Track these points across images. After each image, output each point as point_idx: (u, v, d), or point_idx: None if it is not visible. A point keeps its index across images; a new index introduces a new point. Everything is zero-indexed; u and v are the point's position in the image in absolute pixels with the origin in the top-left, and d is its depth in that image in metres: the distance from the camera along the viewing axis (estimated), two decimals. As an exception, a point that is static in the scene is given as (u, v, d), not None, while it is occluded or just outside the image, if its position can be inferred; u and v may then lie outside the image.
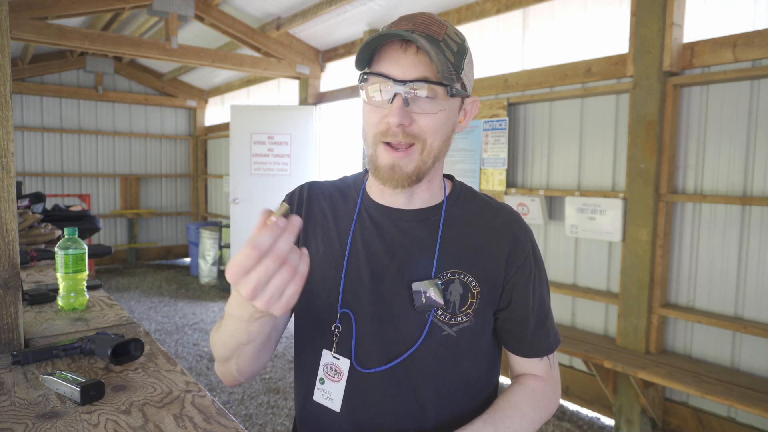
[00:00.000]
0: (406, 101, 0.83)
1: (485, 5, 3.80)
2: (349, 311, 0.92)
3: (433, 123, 0.86)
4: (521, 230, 0.97)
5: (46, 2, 4.39)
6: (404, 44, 0.84)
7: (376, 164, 0.88)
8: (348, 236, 0.96)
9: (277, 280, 0.63)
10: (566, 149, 3.43)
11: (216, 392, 3.56)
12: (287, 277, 0.64)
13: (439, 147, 0.88)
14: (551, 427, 3.13)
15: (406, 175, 0.87)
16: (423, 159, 0.87)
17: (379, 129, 0.86)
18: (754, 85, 2.62)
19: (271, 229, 0.63)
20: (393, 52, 0.84)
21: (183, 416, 0.87)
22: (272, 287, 0.64)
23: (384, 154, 0.87)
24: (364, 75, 0.88)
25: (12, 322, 1.11)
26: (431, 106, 0.85)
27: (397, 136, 0.84)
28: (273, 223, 0.63)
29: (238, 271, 0.63)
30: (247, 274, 0.63)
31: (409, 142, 0.85)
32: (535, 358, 0.98)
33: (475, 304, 0.92)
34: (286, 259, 0.64)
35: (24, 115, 7.20)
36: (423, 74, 0.83)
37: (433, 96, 0.84)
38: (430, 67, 0.83)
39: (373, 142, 0.88)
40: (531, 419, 0.92)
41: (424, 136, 0.86)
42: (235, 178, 5.93)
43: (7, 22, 1.04)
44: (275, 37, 5.44)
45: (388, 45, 0.85)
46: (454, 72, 0.85)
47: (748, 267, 2.67)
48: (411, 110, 0.84)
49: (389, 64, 0.84)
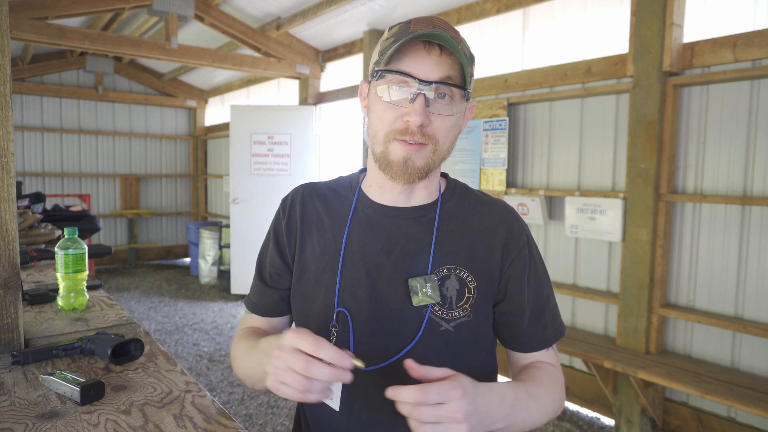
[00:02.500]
0: (427, 102, 0.85)
1: (485, 5, 3.80)
2: (345, 310, 0.92)
3: (447, 125, 0.88)
4: (515, 223, 0.98)
5: (46, 2, 4.39)
6: (428, 46, 0.85)
7: (388, 159, 0.89)
8: (343, 236, 0.97)
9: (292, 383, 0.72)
10: (566, 149, 3.43)
11: (216, 392, 3.56)
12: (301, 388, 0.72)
13: (448, 149, 0.91)
14: (551, 427, 3.13)
15: (417, 169, 0.88)
16: (433, 159, 0.89)
17: (394, 127, 0.87)
18: (754, 85, 2.62)
19: (334, 372, 0.71)
20: (416, 53, 0.85)
21: (183, 416, 0.87)
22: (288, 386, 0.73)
23: (398, 148, 0.87)
24: (381, 72, 0.88)
25: (12, 322, 1.11)
26: (448, 108, 0.87)
27: (415, 135, 0.86)
28: (342, 368, 0.71)
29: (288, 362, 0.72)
30: (289, 371, 0.72)
31: (423, 141, 0.87)
32: (533, 352, 0.97)
33: (472, 299, 0.92)
34: (313, 388, 0.72)
35: (24, 115, 7.20)
36: (446, 75, 0.85)
37: (451, 98, 0.86)
38: (452, 68, 0.85)
39: (386, 139, 0.88)
40: (552, 397, 0.90)
41: (438, 137, 0.87)
42: (235, 178, 5.93)
43: (7, 22, 1.04)
44: (275, 37, 5.44)
45: (410, 44, 0.86)
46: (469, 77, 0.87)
47: (748, 267, 2.67)
48: (429, 111, 0.86)
49: (413, 64, 0.85)
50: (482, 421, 0.73)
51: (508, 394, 0.80)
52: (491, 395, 0.77)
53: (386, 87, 0.87)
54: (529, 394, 0.85)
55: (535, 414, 0.85)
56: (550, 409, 0.90)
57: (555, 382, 0.93)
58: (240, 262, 5.95)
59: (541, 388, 0.89)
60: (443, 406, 0.68)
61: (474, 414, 0.70)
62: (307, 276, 0.98)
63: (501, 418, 0.77)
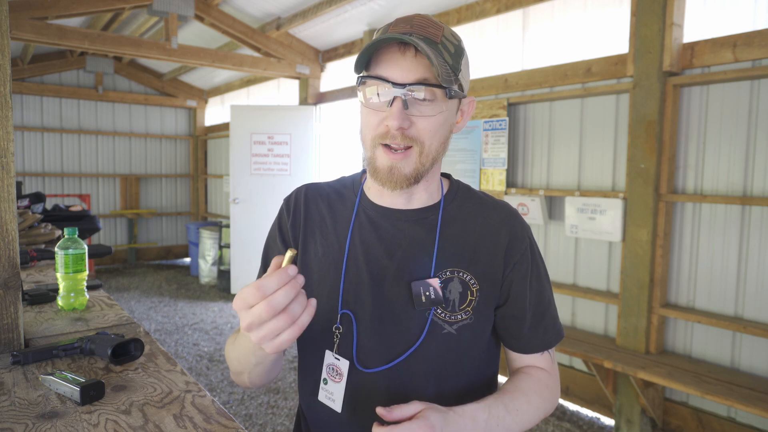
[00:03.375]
0: (405, 104, 0.84)
1: (485, 5, 3.80)
2: (349, 312, 0.92)
3: (431, 126, 0.86)
4: (518, 226, 0.97)
5: (46, 2, 4.39)
6: (402, 47, 0.84)
7: (375, 166, 0.89)
8: (346, 237, 0.97)
9: (273, 324, 0.69)
10: (566, 149, 3.43)
11: (216, 392, 3.56)
12: (283, 325, 0.69)
13: (437, 149, 0.89)
14: (551, 427, 3.13)
15: (404, 176, 0.87)
16: (421, 161, 0.88)
17: (377, 132, 0.87)
18: (754, 85, 2.62)
19: (279, 276, 0.68)
20: (391, 55, 0.84)
21: (183, 416, 0.87)
22: (267, 328, 0.69)
23: (382, 156, 0.87)
24: (362, 78, 0.88)
25: (12, 322, 1.11)
26: (430, 109, 0.85)
27: (396, 138, 0.85)
28: (283, 270, 0.69)
29: (241, 304, 0.70)
30: (248, 309, 0.69)
31: (407, 144, 0.86)
32: (533, 354, 0.98)
33: (475, 302, 0.92)
34: (286, 308, 0.68)
35: (24, 115, 7.20)
36: (422, 77, 0.83)
37: (431, 98, 0.85)
38: (429, 69, 0.83)
39: (372, 144, 0.88)
40: (536, 407, 0.92)
41: (422, 138, 0.86)
42: (235, 178, 5.93)
43: (7, 22, 1.04)
44: (275, 37, 5.44)
45: (386, 48, 0.85)
46: (452, 74, 0.85)
47: (748, 267, 2.67)
48: (410, 113, 0.85)
49: (388, 67, 0.84)
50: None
51: (480, 416, 0.83)
52: (462, 422, 0.80)
53: (370, 90, 0.87)
54: (507, 410, 0.87)
55: (515, 427, 0.88)
56: (534, 418, 0.92)
57: (543, 389, 0.95)
58: (240, 262, 5.95)
59: (523, 400, 0.90)
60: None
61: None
62: (309, 277, 0.97)
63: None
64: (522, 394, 0.91)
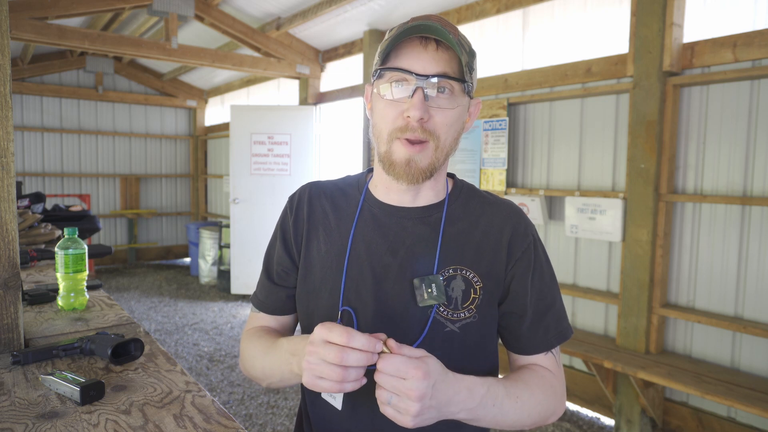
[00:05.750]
0: (426, 96, 0.85)
1: (485, 5, 3.80)
2: (350, 309, 0.93)
3: (448, 120, 0.88)
4: (522, 223, 0.97)
5: (46, 2, 4.39)
6: (424, 41, 0.86)
7: (392, 160, 0.89)
8: (349, 235, 0.97)
9: (328, 370, 0.74)
10: (566, 149, 3.43)
11: (216, 392, 3.56)
12: (336, 377, 0.74)
13: (450, 144, 0.91)
14: (551, 426, 3.13)
15: (420, 170, 0.88)
16: (436, 156, 0.89)
17: (396, 125, 0.87)
18: (754, 85, 2.62)
19: (368, 341, 0.74)
20: (412, 49, 0.86)
21: (183, 416, 0.87)
22: (323, 371, 0.74)
23: (400, 149, 0.88)
24: (380, 71, 0.89)
25: (12, 322, 1.11)
26: (448, 102, 0.87)
27: (415, 131, 0.86)
28: (375, 339, 0.75)
29: (326, 334, 0.75)
30: (326, 365, 0.74)
31: (425, 137, 0.87)
32: (534, 354, 0.96)
33: (478, 300, 0.92)
34: (348, 368, 0.74)
35: (24, 115, 7.20)
36: (443, 70, 0.85)
37: (450, 92, 0.87)
38: (449, 64, 0.86)
39: (389, 138, 0.89)
40: (538, 401, 0.89)
41: (439, 132, 0.88)
42: (235, 178, 5.93)
43: (7, 22, 1.04)
44: (275, 37, 5.44)
45: (406, 41, 0.87)
46: (468, 72, 0.87)
47: (748, 267, 2.67)
48: (429, 105, 0.86)
49: (410, 60, 0.86)
50: (437, 407, 0.75)
51: (477, 389, 0.81)
52: (458, 386, 0.79)
53: (387, 85, 0.88)
54: (507, 393, 0.85)
55: (512, 414, 0.85)
56: (534, 412, 0.89)
57: (547, 386, 0.92)
58: (240, 262, 5.95)
59: (525, 390, 0.88)
60: (402, 380, 0.72)
61: (429, 398, 0.73)
62: (312, 274, 0.98)
63: (463, 410, 0.79)
64: (524, 384, 0.89)
